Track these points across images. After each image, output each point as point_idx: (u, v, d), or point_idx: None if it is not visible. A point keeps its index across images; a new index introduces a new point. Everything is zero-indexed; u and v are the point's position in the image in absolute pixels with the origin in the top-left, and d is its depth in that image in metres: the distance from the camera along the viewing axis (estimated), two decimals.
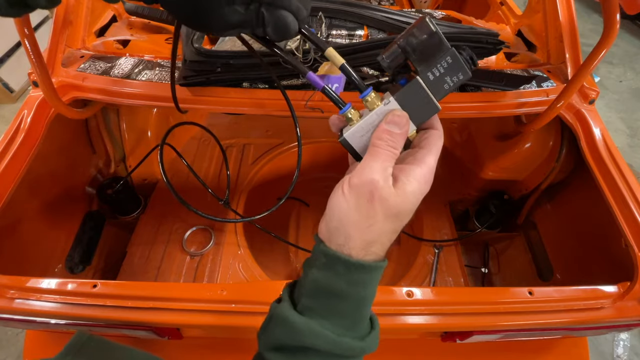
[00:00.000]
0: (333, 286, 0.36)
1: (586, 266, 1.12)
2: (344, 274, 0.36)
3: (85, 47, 1.06)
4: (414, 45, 0.37)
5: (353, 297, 0.37)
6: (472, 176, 1.46)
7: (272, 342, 0.39)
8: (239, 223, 1.34)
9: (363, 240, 0.36)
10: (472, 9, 1.72)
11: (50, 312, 0.74)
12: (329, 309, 0.37)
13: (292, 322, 0.37)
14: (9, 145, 0.88)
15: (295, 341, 0.37)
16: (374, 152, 0.36)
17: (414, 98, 0.37)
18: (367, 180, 0.35)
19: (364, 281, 0.37)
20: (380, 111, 0.38)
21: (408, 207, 0.36)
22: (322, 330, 0.36)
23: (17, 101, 2.68)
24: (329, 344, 0.36)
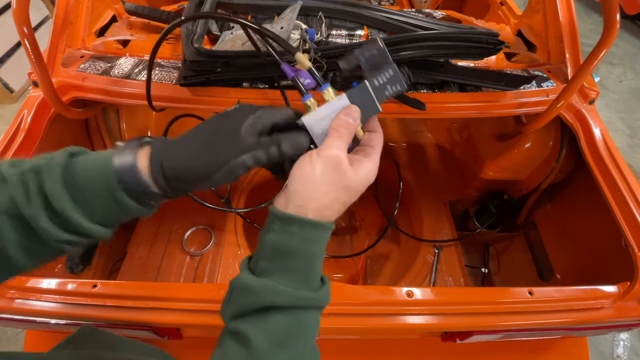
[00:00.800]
0: (288, 245, 0.41)
1: (586, 266, 1.12)
2: (298, 233, 0.41)
3: (85, 47, 1.06)
4: (366, 56, 0.46)
5: (306, 253, 0.42)
6: (472, 176, 1.46)
7: (234, 311, 0.42)
8: (238, 223, 1.34)
9: (320, 203, 0.42)
10: (472, 9, 1.72)
11: (50, 312, 0.74)
12: (284, 267, 0.42)
13: (250, 286, 0.41)
14: (9, 145, 0.88)
15: (255, 303, 0.40)
16: (337, 134, 0.43)
17: (361, 98, 0.46)
18: (333, 154, 0.42)
19: (316, 238, 0.42)
20: (334, 103, 0.46)
21: (358, 186, 0.43)
22: (278, 286, 0.40)
23: (17, 101, 2.68)
24: (287, 297, 0.40)
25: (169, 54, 1.08)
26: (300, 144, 0.44)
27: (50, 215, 0.39)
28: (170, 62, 1.02)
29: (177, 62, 1.02)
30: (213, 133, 0.43)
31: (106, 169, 0.40)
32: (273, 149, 0.42)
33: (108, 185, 0.40)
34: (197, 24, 0.98)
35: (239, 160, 0.41)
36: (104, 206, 0.41)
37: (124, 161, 0.41)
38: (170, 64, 1.01)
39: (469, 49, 0.88)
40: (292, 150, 0.43)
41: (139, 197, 0.41)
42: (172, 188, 0.42)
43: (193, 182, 0.42)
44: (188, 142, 0.43)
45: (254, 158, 0.42)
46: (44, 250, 0.41)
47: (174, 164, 0.42)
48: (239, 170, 0.42)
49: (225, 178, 0.42)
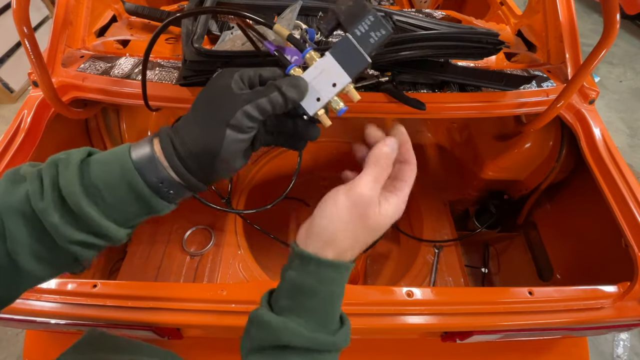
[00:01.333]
0: (306, 284, 0.41)
1: (586, 266, 1.12)
2: (316, 272, 0.40)
3: (85, 47, 1.06)
4: (343, 10, 0.45)
5: (324, 293, 0.41)
6: (472, 176, 1.46)
7: (252, 346, 0.42)
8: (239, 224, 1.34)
9: (341, 246, 0.41)
10: (472, 9, 1.72)
11: (50, 312, 0.74)
12: (302, 306, 0.41)
13: (268, 323, 0.41)
14: (9, 145, 0.88)
15: (273, 341, 0.40)
16: (373, 172, 0.42)
17: (346, 52, 0.44)
18: (365, 195, 0.41)
19: (334, 279, 0.41)
20: (319, 64, 0.44)
21: (383, 227, 0.42)
22: (296, 327, 0.40)
23: (17, 101, 2.68)
24: (304, 339, 0.40)
25: (169, 54, 1.08)
26: (302, 86, 0.42)
27: (62, 212, 0.38)
28: (170, 62, 1.02)
29: (177, 62, 1.02)
30: (207, 99, 0.41)
31: (124, 160, 0.39)
32: (275, 94, 0.40)
33: (126, 176, 0.39)
34: (197, 24, 0.98)
35: (242, 111, 0.39)
36: (122, 201, 0.39)
37: (141, 151, 0.40)
38: (170, 64, 1.01)
39: (469, 49, 0.88)
40: (295, 94, 0.41)
41: (159, 188, 0.40)
42: (192, 172, 0.41)
43: (207, 158, 0.40)
44: (189, 118, 0.42)
45: (258, 107, 0.40)
46: (56, 257, 0.40)
47: (183, 141, 0.40)
48: (246, 123, 0.40)
49: (236, 142, 0.40)
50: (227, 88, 0.40)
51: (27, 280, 0.40)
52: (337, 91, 0.44)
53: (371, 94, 0.96)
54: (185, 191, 0.42)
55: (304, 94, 0.42)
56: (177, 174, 0.40)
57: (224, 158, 0.40)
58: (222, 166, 0.41)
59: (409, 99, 0.92)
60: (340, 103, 0.45)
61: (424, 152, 1.70)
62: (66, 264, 0.41)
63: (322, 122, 0.46)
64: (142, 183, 0.39)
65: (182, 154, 0.40)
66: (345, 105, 0.45)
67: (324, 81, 0.44)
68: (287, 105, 0.41)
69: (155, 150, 0.40)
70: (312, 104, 0.44)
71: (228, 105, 0.39)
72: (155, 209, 0.41)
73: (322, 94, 0.44)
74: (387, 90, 0.95)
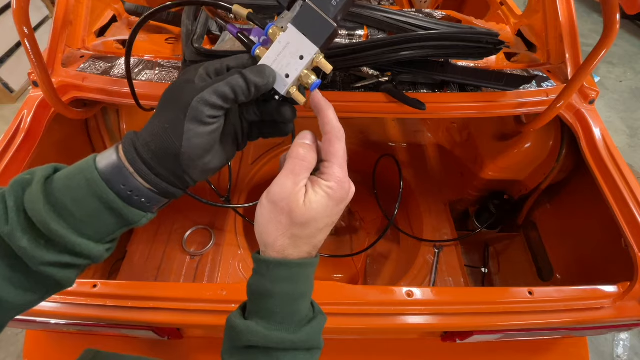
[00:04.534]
0: (260, 286, 0.41)
1: (586, 266, 1.12)
2: (266, 274, 0.40)
3: (85, 47, 1.06)
4: None
5: (278, 294, 0.40)
6: (472, 176, 1.46)
7: (227, 347, 0.43)
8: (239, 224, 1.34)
9: (278, 246, 0.40)
10: (472, 9, 1.72)
11: (50, 312, 0.74)
12: (262, 308, 0.41)
13: (234, 326, 0.41)
14: (9, 145, 0.88)
15: (241, 342, 0.41)
16: (287, 167, 0.40)
17: (309, 20, 0.40)
18: (279, 194, 0.39)
19: (285, 277, 0.40)
20: (282, 38, 0.41)
21: (314, 216, 0.39)
22: (255, 327, 0.40)
23: (17, 101, 2.68)
24: (262, 338, 0.40)
25: (169, 54, 1.08)
26: (268, 72, 0.39)
27: (31, 234, 0.36)
28: (170, 62, 1.02)
29: (177, 62, 1.02)
30: (167, 97, 0.39)
31: (89, 171, 0.37)
32: (236, 77, 0.38)
33: (93, 189, 0.36)
34: (197, 24, 0.98)
35: (198, 99, 0.36)
36: (93, 216, 0.37)
37: (107, 160, 0.38)
38: (170, 64, 1.01)
39: (469, 49, 0.88)
40: (260, 78, 0.38)
41: (130, 198, 0.38)
42: (161, 177, 0.38)
43: (170, 158, 0.38)
44: (151, 119, 0.39)
45: (216, 92, 0.37)
46: (34, 282, 0.38)
47: (145, 143, 0.37)
48: (206, 112, 0.37)
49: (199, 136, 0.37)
50: (189, 82, 0.38)
51: (8, 310, 0.38)
52: (305, 64, 0.41)
53: (371, 94, 0.96)
54: (160, 198, 0.40)
55: (267, 75, 0.39)
56: (145, 180, 0.38)
57: (188, 155, 0.38)
58: (190, 165, 0.39)
59: (409, 99, 0.92)
60: (311, 77, 0.42)
61: (424, 152, 1.70)
62: (47, 288, 0.40)
63: (296, 100, 0.43)
64: (112, 194, 0.37)
65: (145, 157, 0.37)
66: (318, 78, 0.42)
67: (290, 55, 0.41)
68: (250, 88, 0.38)
69: (121, 156, 0.38)
70: (282, 82, 0.41)
71: (186, 97, 0.37)
72: (130, 220, 0.39)
73: (291, 70, 0.41)
74: (387, 90, 0.95)
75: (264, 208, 0.40)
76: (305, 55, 0.41)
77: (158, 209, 0.42)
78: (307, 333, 0.42)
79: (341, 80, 1.00)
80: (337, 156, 0.40)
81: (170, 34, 1.17)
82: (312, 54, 0.41)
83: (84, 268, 0.41)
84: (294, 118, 0.45)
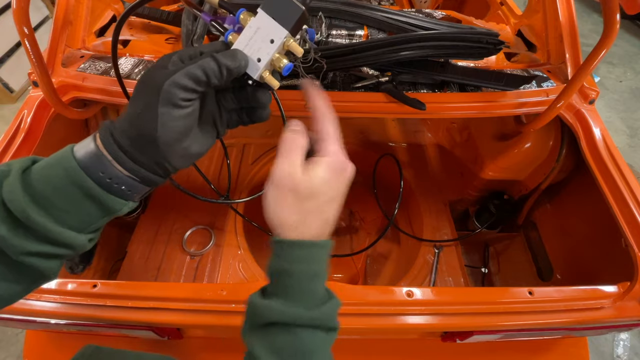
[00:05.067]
0: (278, 266, 0.42)
1: (586, 266, 1.12)
2: (281, 254, 0.42)
3: (85, 47, 1.06)
4: None
5: (294, 272, 0.42)
6: (472, 176, 1.46)
7: (248, 326, 0.44)
8: (239, 223, 1.34)
9: (289, 225, 0.42)
10: (472, 9, 1.72)
11: (50, 312, 0.74)
12: (280, 287, 0.43)
13: (255, 304, 0.43)
14: (9, 145, 0.88)
15: (260, 319, 0.42)
16: (280, 152, 0.43)
17: (278, 4, 0.41)
18: (279, 177, 0.42)
19: (303, 257, 0.42)
20: (252, 22, 0.42)
21: (316, 186, 0.41)
22: (274, 304, 0.42)
23: (17, 101, 2.68)
24: (281, 314, 0.41)
25: None
26: (240, 56, 0.40)
27: (10, 224, 0.36)
28: None
29: None
30: (142, 81, 0.39)
31: (67, 159, 0.37)
32: (208, 59, 0.38)
33: (71, 177, 0.36)
34: (197, 24, 0.98)
35: (170, 81, 0.36)
36: (74, 204, 0.37)
37: (85, 148, 0.38)
38: None
39: (469, 49, 0.88)
40: (232, 61, 0.39)
41: (109, 186, 0.38)
42: (139, 163, 0.38)
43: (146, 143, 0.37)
44: (127, 105, 0.39)
45: (188, 74, 0.37)
46: (17, 272, 0.38)
47: (121, 129, 0.38)
48: (179, 94, 0.37)
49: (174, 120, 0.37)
50: (162, 67, 0.38)
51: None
52: (276, 47, 0.41)
53: (371, 94, 0.96)
54: (141, 186, 0.40)
55: (238, 58, 0.40)
56: (124, 167, 0.38)
57: (163, 140, 0.37)
58: (169, 151, 0.38)
59: (409, 99, 0.92)
60: (283, 60, 0.42)
61: (424, 152, 1.70)
62: (30, 279, 0.40)
63: (270, 84, 0.43)
64: (90, 181, 0.37)
65: (122, 144, 0.37)
66: (290, 61, 0.43)
67: (261, 40, 0.41)
68: (222, 70, 0.38)
69: (98, 144, 0.38)
70: (254, 66, 0.42)
71: (158, 81, 0.37)
72: (112, 208, 0.39)
73: (262, 54, 0.42)
74: (387, 90, 0.95)
75: (269, 194, 0.42)
76: (275, 39, 0.41)
77: (140, 197, 0.42)
78: (323, 312, 0.43)
79: (341, 80, 1.00)
80: (329, 134, 0.43)
81: (170, 34, 1.17)
82: (282, 38, 0.41)
83: (66, 258, 0.41)
84: (269, 102, 0.46)
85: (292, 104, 0.92)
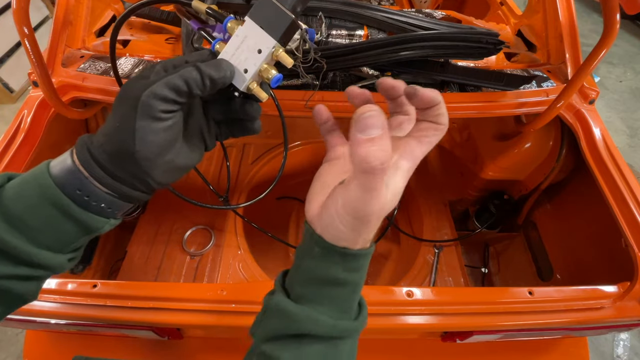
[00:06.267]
0: (329, 274, 0.37)
1: (586, 266, 1.12)
2: (341, 263, 0.37)
3: (85, 47, 1.06)
4: None
5: (349, 283, 0.38)
6: (472, 176, 1.46)
7: (269, 334, 0.39)
8: (238, 224, 1.34)
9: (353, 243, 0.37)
10: (472, 9, 1.72)
11: (50, 312, 0.74)
12: (324, 295, 0.38)
13: (288, 312, 0.37)
14: (9, 145, 0.88)
15: (292, 329, 0.37)
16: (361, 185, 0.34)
17: (266, 12, 0.39)
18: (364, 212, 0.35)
19: (358, 267, 0.38)
20: (239, 32, 0.40)
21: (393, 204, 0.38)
22: (319, 316, 0.37)
23: (17, 101, 2.68)
24: (328, 328, 0.37)
25: (169, 54, 1.08)
26: (225, 66, 0.38)
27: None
28: None
29: None
30: (122, 92, 0.37)
31: (42, 177, 0.35)
32: (190, 69, 0.36)
33: (46, 195, 0.35)
34: None
35: (149, 92, 0.34)
36: (49, 224, 0.35)
37: (61, 164, 0.36)
38: None
39: (469, 49, 0.88)
40: (215, 71, 0.37)
41: (87, 203, 0.36)
42: (119, 180, 0.36)
43: (125, 158, 0.35)
44: (106, 118, 0.37)
45: (167, 84, 0.34)
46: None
47: (99, 144, 0.36)
48: (158, 106, 0.34)
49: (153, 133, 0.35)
50: (143, 77, 0.36)
51: None
52: (264, 58, 0.39)
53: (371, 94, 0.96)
54: (122, 203, 0.38)
55: (223, 69, 0.37)
56: (102, 184, 0.36)
57: (143, 155, 0.35)
58: (150, 166, 0.36)
59: None
60: (271, 71, 0.40)
61: None
62: (7, 302, 0.37)
63: (257, 97, 0.41)
64: (66, 199, 0.35)
65: (100, 159, 0.35)
66: (278, 72, 0.40)
67: (248, 49, 0.39)
68: (204, 81, 0.36)
69: (75, 160, 0.36)
70: (241, 77, 0.40)
71: (136, 92, 0.34)
72: (91, 227, 0.37)
73: (249, 64, 0.39)
74: None
75: (341, 216, 0.35)
76: (263, 49, 0.39)
77: (123, 214, 0.40)
78: (364, 317, 0.41)
79: (341, 80, 1.00)
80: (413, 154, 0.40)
81: (170, 34, 1.17)
82: (271, 48, 0.39)
83: (45, 278, 0.39)
84: (259, 115, 0.43)
85: (291, 104, 0.92)
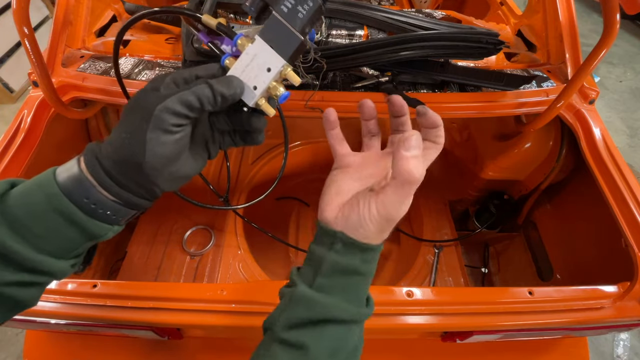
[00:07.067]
0: (350, 266, 0.41)
1: (586, 266, 1.12)
2: (360, 255, 0.41)
3: (85, 47, 1.06)
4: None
5: (366, 273, 0.42)
6: (472, 176, 1.46)
7: (293, 321, 0.41)
8: (238, 224, 1.34)
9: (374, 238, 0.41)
10: (472, 9, 1.72)
11: (50, 312, 0.74)
12: (346, 285, 0.41)
13: (315, 300, 0.40)
14: (9, 145, 0.88)
15: (319, 316, 0.40)
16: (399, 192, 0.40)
17: (276, 32, 0.40)
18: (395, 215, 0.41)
19: (373, 259, 0.42)
20: (250, 49, 0.41)
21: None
22: (343, 303, 0.41)
23: (17, 101, 2.68)
24: (352, 313, 0.41)
25: (169, 54, 1.08)
26: (236, 84, 0.39)
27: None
28: (170, 62, 1.02)
29: (177, 62, 1.02)
30: (132, 105, 0.37)
31: (48, 184, 0.36)
32: (202, 86, 0.37)
33: (53, 203, 0.35)
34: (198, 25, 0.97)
35: (162, 106, 0.35)
36: (53, 231, 0.36)
37: (68, 172, 0.36)
38: (170, 64, 1.01)
39: (469, 49, 0.88)
40: (227, 89, 0.38)
41: (93, 211, 0.36)
42: (125, 187, 0.37)
43: (133, 168, 0.36)
44: (115, 128, 0.38)
45: (180, 100, 0.36)
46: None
47: (107, 153, 0.36)
48: (170, 120, 0.35)
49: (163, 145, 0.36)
50: (154, 90, 0.37)
51: None
52: (272, 76, 0.41)
53: (371, 94, 0.96)
54: (127, 210, 0.39)
55: (234, 86, 0.39)
56: (109, 192, 0.37)
57: (151, 165, 0.36)
58: (156, 175, 0.37)
59: (409, 99, 0.93)
60: (280, 89, 0.42)
61: None
62: (7, 308, 0.38)
63: (265, 112, 0.43)
64: (73, 207, 0.35)
65: (108, 168, 0.36)
66: (286, 90, 0.42)
67: (258, 67, 0.41)
68: (216, 98, 0.38)
69: (82, 168, 0.36)
70: (250, 94, 0.41)
71: (149, 105, 0.36)
72: (95, 234, 0.38)
73: (258, 82, 0.41)
74: (387, 90, 0.95)
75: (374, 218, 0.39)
76: (272, 68, 0.41)
77: (126, 221, 0.41)
78: (372, 305, 0.44)
79: (341, 80, 1.00)
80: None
81: (170, 34, 1.17)
82: (280, 67, 0.41)
83: (46, 285, 0.40)
84: (264, 127, 0.45)
85: (292, 104, 0.92)
